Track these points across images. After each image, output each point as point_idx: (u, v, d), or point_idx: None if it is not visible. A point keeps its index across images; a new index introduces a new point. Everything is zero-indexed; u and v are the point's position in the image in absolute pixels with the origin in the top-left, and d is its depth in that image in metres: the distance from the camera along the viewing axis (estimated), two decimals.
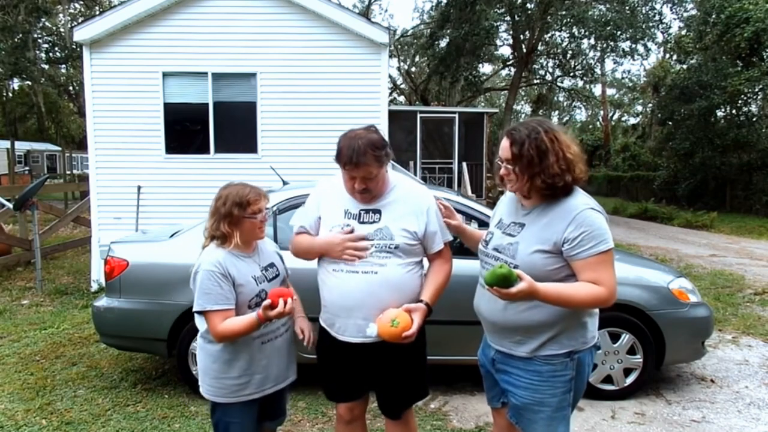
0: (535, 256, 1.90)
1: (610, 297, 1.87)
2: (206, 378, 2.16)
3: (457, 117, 16.55)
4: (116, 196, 7.46)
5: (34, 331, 5.31)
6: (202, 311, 2.05)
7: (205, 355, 2.16)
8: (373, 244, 2.12)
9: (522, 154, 1.88)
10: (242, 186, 2.13)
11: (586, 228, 1.85)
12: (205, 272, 2.03)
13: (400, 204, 2.18)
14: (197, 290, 2.05)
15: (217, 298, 2.03)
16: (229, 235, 2.08)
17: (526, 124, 1.94)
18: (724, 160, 17.78)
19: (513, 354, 2.00)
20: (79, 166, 32.54)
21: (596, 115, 40.16)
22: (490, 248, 2.08)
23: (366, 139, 2.05)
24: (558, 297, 1.85)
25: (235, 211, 2.07)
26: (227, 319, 2.03)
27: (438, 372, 4.04)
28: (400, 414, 2.33)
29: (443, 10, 19.56)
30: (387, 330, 2.01)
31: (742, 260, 9.54)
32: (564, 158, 1.87)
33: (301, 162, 7.22)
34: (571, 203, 1.90)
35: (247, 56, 7.51)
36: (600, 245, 1.84)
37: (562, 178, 1.87)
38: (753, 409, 3.75)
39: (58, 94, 36.57)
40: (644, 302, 3.73)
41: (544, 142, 1.87)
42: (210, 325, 2.05)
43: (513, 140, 1.91)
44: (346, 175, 2.12)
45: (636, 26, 16.46)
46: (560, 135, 1.91)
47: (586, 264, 1.86)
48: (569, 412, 2.02)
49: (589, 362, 2.02)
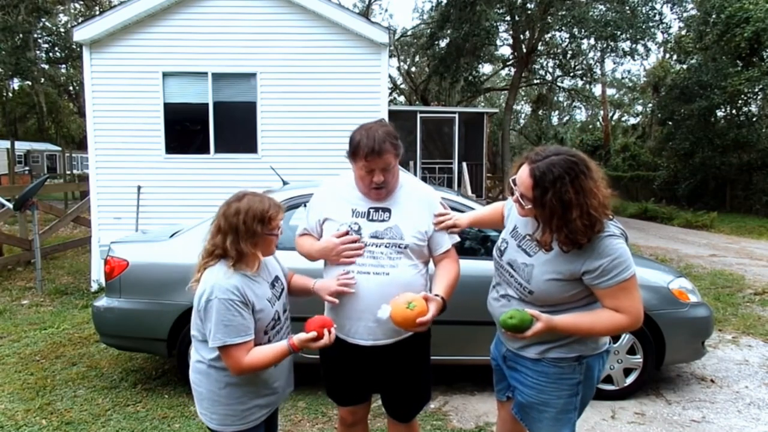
0: (550, 284, 1.86)
1: (634, 323, 1.84)
2: (213, 407, 1.93)
3: (457, 117, 16.55)
4: (116, 196, 7.46)
5: (34, 331, 5.31)
6: (223, 346, 1.80)
7: (210, 381, 1.91)
8: (384, 243, 2.10)
9: (544, 202, 1.74)
10: (259, 198, 1.91)
11: (606, 258, 1.77)
12: (222, 301, 1.78)
13: (409, 203, 2.17)
14: (214, 322, 1.78)
15: (240, 329, 1.80)
16: (251, 256, 1.86)
17: (554, 165, 1.72)
18: (724, 160, 17.78)
19: (522, 354, 2.00)
20: (79, 166, 32.52)
21: (596, 115, 40.14)
22: (504, 261, 2.02)
23: (383, 129, 2.04)
24: (579, 329, 1.86)
25: (257, 228, 1.84)
26: (252, 351, 1.82)
27: (438, 372, 4.03)
28: (411, 417, 2.32)
29: (443, 11, 19.55)
30: (401, 312, 1.90)
31: (742, 260, 9.54)
32: (587, 213, 1.71)
33: (301, 162, 7.22)
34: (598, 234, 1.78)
35: (247, 56, 7.52)
36: (622, 274, 1.78)
37: (584, 236, 1.74)
38: (753, 409, 3.75)
39: (58, 94, 36.56)
40: (644, 302, 3.71)
41: (569, 194, 1.70)
42: (232, 360, 1.81)
43: (536, 183, 1.74)
44: (364, 169, 2.05)
45: (636, 26, 16.45)
46: (587, 183, 1.73)
47: (609, 293, 1.82)
48: (575, 416, 2.01)
49: (599, 368, 2.01)
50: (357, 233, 2.12)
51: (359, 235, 2.12)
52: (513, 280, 1.97)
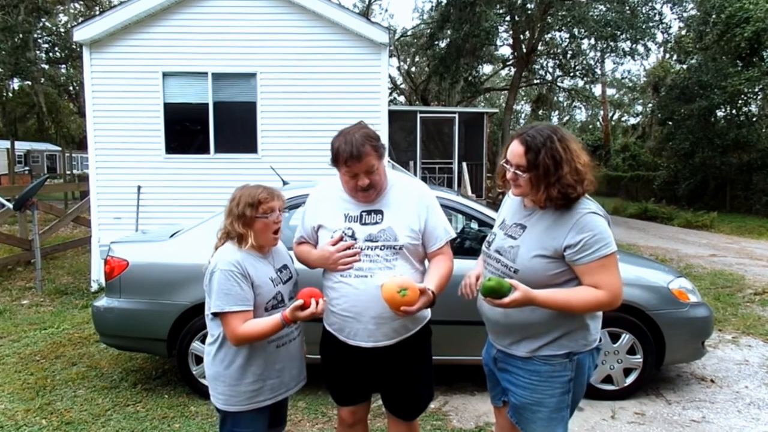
0: (535, 261, 1.90)
1: (613, 300, 1.86)
2: (219, 386, 2.07)
3: (456, 117, 16.55)
4: (116, 196, 7.47)
5: (34, 331, 5.31)
6: (220, 312, 1.96)
7: (216, 362, 2.06)
8: (379, 245, 2.10)
9: (538, 163, 1.85)
10: (256, 187, 2.11)
11: (588, 233, 1.84)
12: (223, 272, 1.96)
13: (400, 202, 2.16)
14: (214, 291, 1.97)
15: (237, 298, 1.96)
16: (244, 236, 2.04)
17: (540, 131, 1.89)
18: (724, 160, 17.78)
19: (513, 353, 2.01)
20: (79, 166, 32.54)
21: (596, 115, 40.15)
22: (492, 250, 2.07)
23: (360, 132, 2.05)
24: (556, 302, 1.86)
25: (247, 211, 2.03)
26: (248, 321, 1.96)
27: (438, 372, 4.02)
28: (414, 416, 2.33)
29: (443, 11, 19.55)
30: (391, 294, 1.93)
31: (742, 260, 9.54)
32: (575, 169, 1.85)
33: (301, 162, 7.22)
34: (572, 208, 1.88)
35: (247, 56, 7.52)
36: (602, 249, 1.83)
37: (575, 189, 1.85)
38: (753, 409, 3.75)
39: (58, 94, 36.54)
40: (644, 302, 3.73)
41: (558, 152, 1.84)
42: (229, 328, 1.97)
43: (528, 147, 1.86)
44: (347, 174, 2.07)
45: (636, 26, 16.45)
46: (572, 144, 1.89)
47: (588, 269, 1.85)
48: (567, 414, 2.01)
49: (589, 365, 2.01)
50: (351, 238, 2.11)
51: (354, 239, 2.11)
52: (499, 265, 2.00)
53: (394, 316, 2.03)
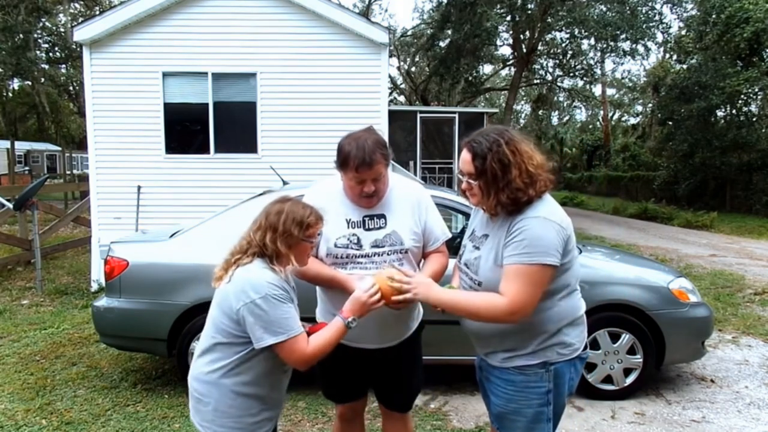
0: (495, 270, 1.82)
1: (510, 312, 1.73)
2: (220, 419, 1.86)
3: (457, 117, 16.53)
4: (116, 196, 7.46)
5: (34, 331, 5.31)
6: (287, 339, 1.78)
7: (221, 392, 1.85)
8: (385, 250, 2.09)
9: (485, 169, 1.78)
10: (302, 205, 1.92)
11: (519, 236, 1.75)
12: (273, 297, 1.77)
13: (400, 205, 2.16)
14: (270, 319, 1.76)
15: (296, 320, 1.82)
16: (285, 256, 1.85)
17: (486, 135, 1.83)
18: (724, 160, 17.77)
19: (490, 363, 1.97)
20: (79, 166, 32.52)
21: (596, 115, 40.12)
22: (462, 263, 2.02)
23: (372, 138, 2.00)
24: (452, 304, 1.85)
25: (294, 231, 1.84)
26: (311, 337, 1.85)
27: (438, 372, 4.04)
28: (410, 407, 2.37)
29: (443, 11, 19.55)
30: (384, 283, 1.90)
31: (742, 260, 9.54)
32: (526, 171, 1.78)
33: (301, 162, 7.22)
34: (522, 212, 1.80)
35: (247, 56, 7.51)
36: (524, 256, 1.72)
37: (525, 193, 1.77)
38: (753, 409, 3.75)
39: (58, 94, 36.55)
40: (644, 302, 3.73)
41: (506, 156, 1.77)
42: (298, 353, 1.81)
43: (474, 154, 1.81)
44: (354, 180, 2.01)
45: (636, 27, 16.44)
46: (521, 145, 1.81)
47: (505, 272, 1.76)
48: (550, 427, 1.92)
49: (571, 375, 1.91)
50: (357, 245, 2.09)
51: (360, 246, 2.09)
52: (467, 278, 1.96)
53: (398, 319, 2.04)
